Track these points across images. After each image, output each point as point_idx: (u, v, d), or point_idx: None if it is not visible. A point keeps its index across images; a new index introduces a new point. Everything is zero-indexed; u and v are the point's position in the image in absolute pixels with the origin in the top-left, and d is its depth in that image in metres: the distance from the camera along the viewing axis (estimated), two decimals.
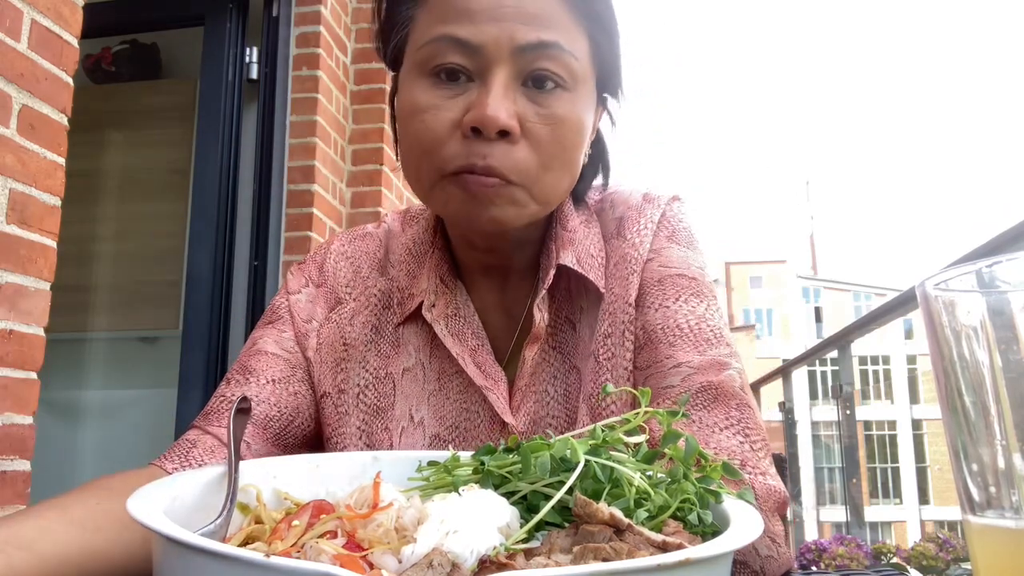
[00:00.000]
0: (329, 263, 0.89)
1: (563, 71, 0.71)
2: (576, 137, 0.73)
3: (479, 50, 0.69)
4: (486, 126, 0.68)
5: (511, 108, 0.69)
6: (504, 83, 0.69)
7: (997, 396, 0.35)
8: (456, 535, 0.41)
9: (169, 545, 0.39)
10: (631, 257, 0.79)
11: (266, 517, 0.51)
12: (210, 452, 0.75)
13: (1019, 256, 0.35)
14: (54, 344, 1.63)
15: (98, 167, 3.22)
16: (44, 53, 1.57)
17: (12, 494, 1.49)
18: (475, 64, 0.70)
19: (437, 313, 0.80)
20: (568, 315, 0.80)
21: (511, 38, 0.69)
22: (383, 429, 0.80)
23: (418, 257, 0.85)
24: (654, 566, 0.35)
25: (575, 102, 0.72)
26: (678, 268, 0.79)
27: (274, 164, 2.92)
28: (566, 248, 0.78)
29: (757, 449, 0.71)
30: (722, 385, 0.72)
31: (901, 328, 29.28)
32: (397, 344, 0.82)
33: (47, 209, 1.58)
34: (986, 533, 0.36)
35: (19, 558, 0.53)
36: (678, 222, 0.82)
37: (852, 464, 5.86)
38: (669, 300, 0.77)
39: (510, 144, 0.69)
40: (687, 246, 0.81)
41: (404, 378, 0.81)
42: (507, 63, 0.69)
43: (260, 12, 3.01)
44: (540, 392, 0.78)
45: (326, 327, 0.85)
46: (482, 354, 0.79)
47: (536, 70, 0.70)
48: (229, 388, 0.81)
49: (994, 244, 2.45)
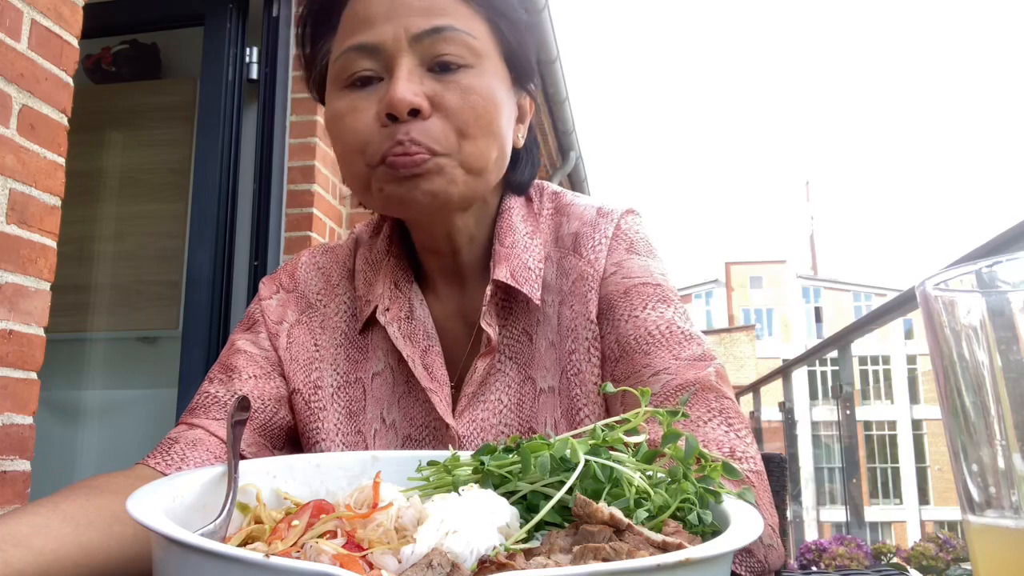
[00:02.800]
0: (300, 272, 0.93)
1: (462, 50, 0.75)
2: (488, 105, 0.76)
3: (380, 48, 0.75)
4: (396, 107, 0.72)
5: (417, 88, 0.74)
6: (408, 68, 0.74)
7: (997, 396, 0.35)
8: (456, 535, 0.41)
9: (169, 545, 0.39)
10: (588, 275, 0.82)
11: (266, 517, 0.51)
12: (192, 445, 0.78)
13: (1019, 256, 0.35)
14: (54, 344, 1.63)
15: (98, 167, 3.22)
16: (44, 53, 1.57)
17: (12, 494, 1.49)
18: (381, 64, 0.75)
19: (391, 316, 0.83)
20: (525, 327, 0.82)
21: (406, 30, 0.74)
22: (356, 432, 0.83)
23: (374, 265, 0.88)
24: (654, 566, 0.35)
25: (481, 75, 0.76)
26: (641, 277, 0.81)
27: (274, 164, 2.92)
28: (501, 264, 0.81)
29: (743, 436, 0.73)
30: (699, 381, 0.74)
31: (901, 328, 29.28)
32: (366, 350, 0.86)
33: (47, 209, 1.58)
34: (986, 533, 0.36)
35: (15, 555, 0.54)
36: (635, 234, 0.85)
37: (852, 464, 5.87)
38: (637, 310, 0.79)
39: (423, 120, 0.74)
40: (646, 255, 0.84)
41: (374, 382, 0.85)
42: (407, 53, 0.74)
43: (260, 12, 3.01)
44: (493, 401, 0.80)
45: (297, 327, 0.88)
46: (431, 356, 0.83)
47: (437, 56, 0.75)
48: (212, 385, 0.84)
49: (994, 244, 2.45)
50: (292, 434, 0.87)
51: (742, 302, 42.43)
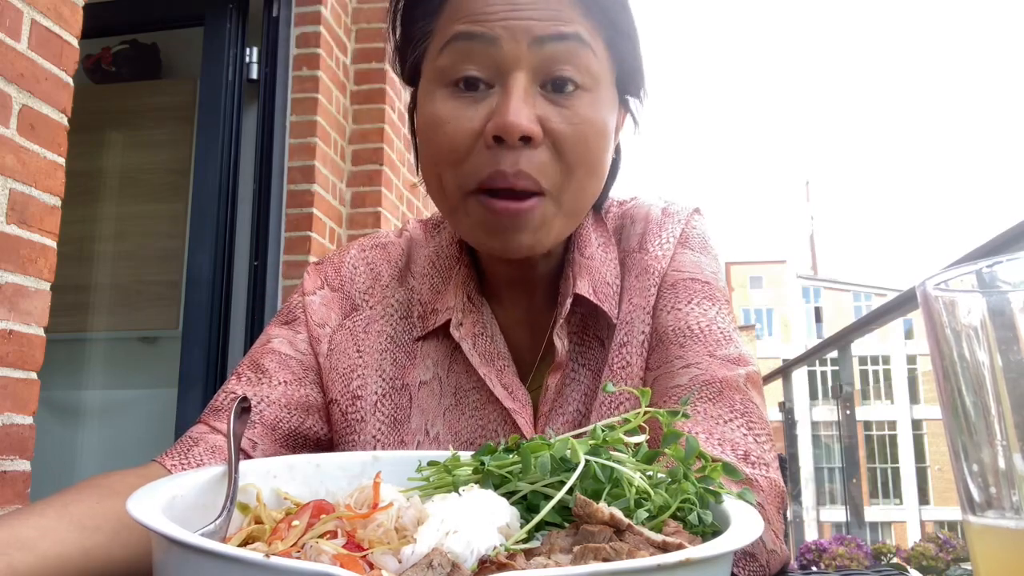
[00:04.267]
0: (347, 267, 0.87)
1: (582, 71, 0.70)
2: (600, 138, 0.72)
3: (496, 44, 0.68)
4: (509, 132, 0.67)
5: (531, 113, 0.68)
6: (524, 87, 0.68)
7: (997, 396, 0.35)
8: (456, 535, 0.41)
9: (169, 545, 0.39)
10: (653, 269, 0.80)
11: (266, 517, 0.51)
12: (211, 452, 0.75)
13: (1019, 256, 0.35)
14: (54, 344, 1.63)
15: (98, 167, 3.22)
16: (44, 53, 1.57)
17: (12, 494, 1.49)
18: (493, 70, 0.69)
19: (465, 332, 0.79)
20: (596, 332, 0.80)
21: (527, 30, 0.68)
22: (399, 442, 0.79)
23: (442, 271, 0.83)
24: (654, 566, 0.35)
25: (596, 103, 0.71)
26: (690, 272, 0.79)
27: (274, 164, 2.92)
28: (583, 276, 0.78)
29: (762, 442, 0.71)
30: (727, 380, 0.73)
31: (901, 328, 29.27)
32: (414, 356, 0.81)
33: (47, 209, 1.58)
34: (986, 533, 0.36)
35: (20, 560, 0.53)
36: (691, 229, 0.83)
37: (852, 464, 5.87)
38: (681, 303, 0.77)
39: (533, 149, 0.68)
40: (700, 251, 0.82)
41: (421, 391, 0.80)
42: (525, 63, 0.68)
43: (260, 12, 3.01)
44: (571, 412, 0.77)
45: (339, 333, 0.83)
46: (508, 375, 0.78)
47: (555, 74, 0.69)
48: (240, 385, 0.80)
49: (994, 244, 2.45)
50: (321, 446, 0.82)
51: (742, 302, 42.43)
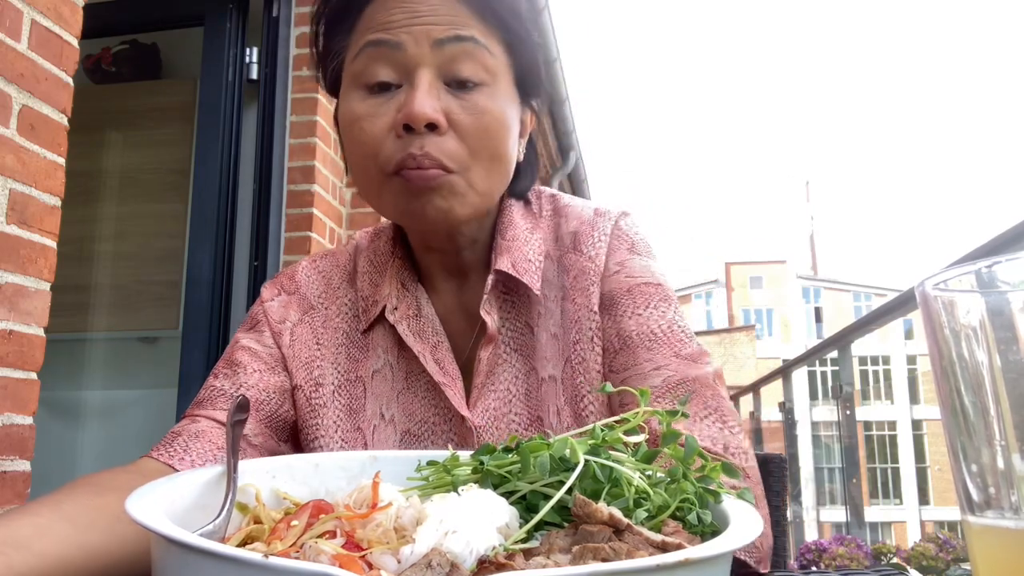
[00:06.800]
0: (301, 275, 0.95)
1: (479, 69, 0.79)
2: (500, 127, 0.79)
3: (401, 48, 0.77)
4: (415, 120, 0.75)
5: (436, 103, 0.77)
6: (428, 82, 0.77)
7: (997, 396, 0.35)
8: (455, 535, 0.41)
9: (168, 545, 0.39)
10: (589, 269, 0.87)
11: (265, 517, 0.51)
12: (195, 437, 0.79)
13: (1019, 256, 0.35)
14: (54, 344, 1.63)
15: (98, 167, 3.22)
16: (44, 53, 1.57)
17: (12, 494, 1.49)
18: (401, 71, 0.78)
19: (399, 315, 0.86)
20: (527, 320, 0.87)
21: (428, 34, 0.77)
22: (355, 429, 0.86)
23: (379, 267, 0.91)
24: (653, 566, 0.35)
25: (495, 96, 0.79)
26: (643, 277, 0.86)
27: (274, 164, 2.91)
28: (503, 255, 0.85)
29: (736, 433, 0.78)
30: (697, 379, 0.80)
31: (901, 328, 29.26)
32: (366, 349, 0.89)
33: (47, 209, 1.58)
34: (986, 533, 0.36)
35: (18, 558, 0.53)
36: (634, 234, 0.90)
37: (852, 464, 5.87)
38: (640, 308, 0.84)
39: (439, 135, 0.77)
40: (646, 255, 0.89)
41: (374, 379, 0.87)
42: (428, 62, 0.77)
43: (260, 12, 3.01)
44: (502, 391, 0.84)
45: (299, 327, 0.91)
46: (441, 351, 0.85)
47: (455, 71, 0.78)
48: (217, 380, 0.86)
49: (994, 244, 2.46)
50: (296, 429, 0.89)
51: (742, 302, 42.44)
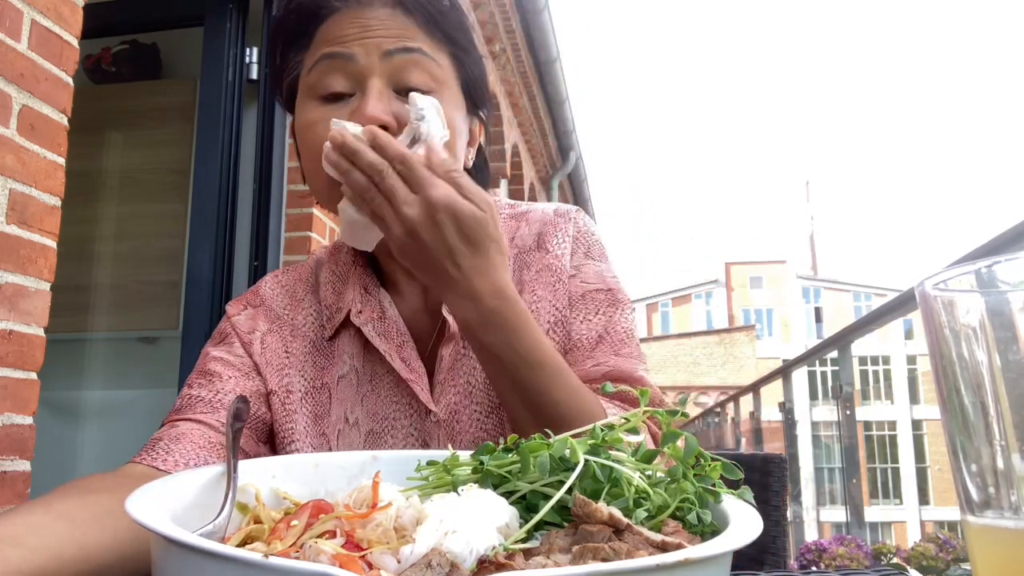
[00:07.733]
0: (265, 289, 0.98)
1: (428, 78, 0.84)
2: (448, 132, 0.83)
3: (353, 59, 0.82)
4: (367, 122, 0.78)
5: (387, 107, 0.82)
6: (379, 89, 0.82)
7: (996, 396, 0.35)
8: (455, 535, 0.41)
9: (168, 545, 0.39)
10: (555, 267, 0.92)
11: (265, 517, 0.51)
12: (175, 440, 0.81)
13: (1019, 256, 0.35)
14: (54, 344, 1.63)
15: (98, 167, 3.22)
16: (44, 53, 1.57)
17: (12, 494, 1.49)
18: (353, 81, 0.83)
19: (365, 318, 0.89)
20: None
21: (378, 46, 0.83)
22: (320, 434, 0.88)
23: (342, 276, 0.95)
24: (653, 566, 0.35)
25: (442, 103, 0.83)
26: (595, 284, 0.92)
27: (274, 164, 2.91)
28: None
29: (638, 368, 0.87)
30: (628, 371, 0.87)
31: (901, 328, 29.24)
32: (331, 356, 0.91)
33: (47, 209, 1.58)
34: (985, 533, 0.36)
35: (13, 554, 0.54)
36: (590, 235, 0.95)
37: (852, 464, 5.87)
38: (591, 314, 0.90)
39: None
40: (600, 259, 0.94)
41: (339, 385, 0.89)
42: (378, 72, 0.82)
43: (260, 12, 3.01)
44: (462, 384, 0.87)
45: (268, 336, 0.93)
46: (406, 350, 0.88)
47: (404, 79, 0.83)
48: (193, 389, 0.87)
49: (994, 244, 2.46)
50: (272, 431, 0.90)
51: (742, 302, 42.45)
